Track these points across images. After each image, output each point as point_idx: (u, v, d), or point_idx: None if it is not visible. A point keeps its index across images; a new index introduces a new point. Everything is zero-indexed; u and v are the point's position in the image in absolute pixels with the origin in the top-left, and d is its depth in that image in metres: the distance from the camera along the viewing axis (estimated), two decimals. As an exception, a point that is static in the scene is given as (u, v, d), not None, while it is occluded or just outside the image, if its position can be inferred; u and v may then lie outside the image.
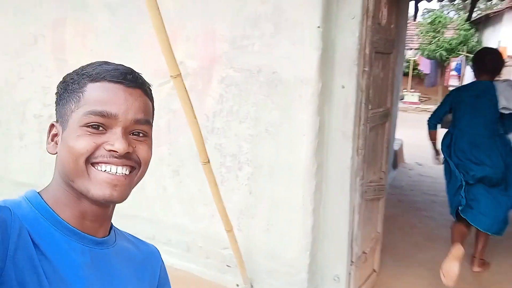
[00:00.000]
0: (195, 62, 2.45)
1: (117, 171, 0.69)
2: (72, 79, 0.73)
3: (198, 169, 2.41)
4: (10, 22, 3.14)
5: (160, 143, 2.60)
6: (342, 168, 2.29)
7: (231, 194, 2.40)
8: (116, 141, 0.68)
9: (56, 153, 0.73)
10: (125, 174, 0.70)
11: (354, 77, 2.19)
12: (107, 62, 0.74)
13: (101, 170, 0.69)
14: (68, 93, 0.72)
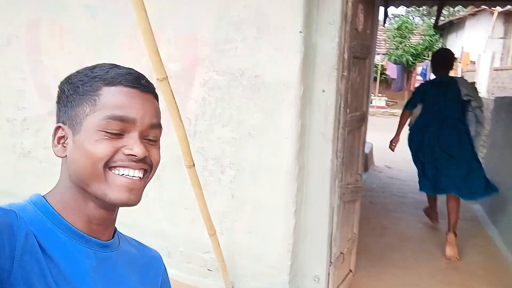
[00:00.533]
0: (177, 65, 2.45)
1: (134, 175, 0.71)
2: (81, 81, 0.72)
3: (179, 173, 2.41)
4: (-21, 22, 3.03)
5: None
6: (322, 170, 2.34)
7: (214, 198, 2.41)
8: (134, 145, 0.70)
9: (64, 156, 0.72)
10: (140, 177, 0.72)
11: (334, 81, 2.26)
12: (117, 65, 0.74)
13: (118, 174, 0.70)
14: (79, 95, 0.71)
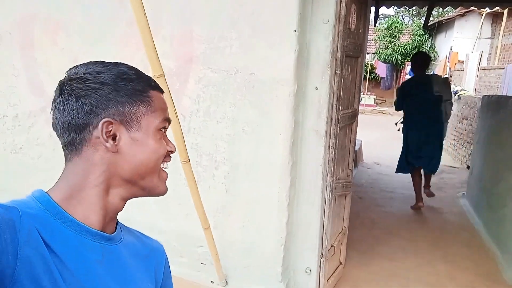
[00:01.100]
0: (172, 62, 2.48)
1: (167, 167, 0.81)
2: (125, 79, 0.74)
3: (173, 168, 2.44)
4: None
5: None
6: (315, 165, 2.41)
7: (207, 193, 2.45)
8: (169, 142, 0.80)
9: (116, 151, 0.73)
10: None
11: (327, 79, 2.31)
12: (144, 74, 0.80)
13: (163, 168, 0.79)
14: (129, 92, 0.74)
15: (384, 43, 15.60)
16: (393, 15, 17.15)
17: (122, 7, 2.53)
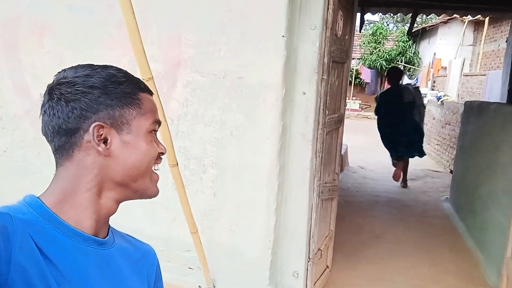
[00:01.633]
0: (159, 65, 2.48)
1: (158, 169, 0.81)
2: (114, 82, 0.74)
3: (159, 172, 2.44)
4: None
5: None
6: (302, 169, 2.43)
7: (195, 197, 2.45)
8: (159, 144, 0.80)
9: (108, 154, 0.73)
10: None
11: (314, 84, 2.34)
12: (137, 77, 0.81)
13: (154, 170, 0.80)
14: (118, 95, 0.74)
15: (369, 49, 15.81)
16: (378, 21, 17.41)
17: (110, 10, 2.52)
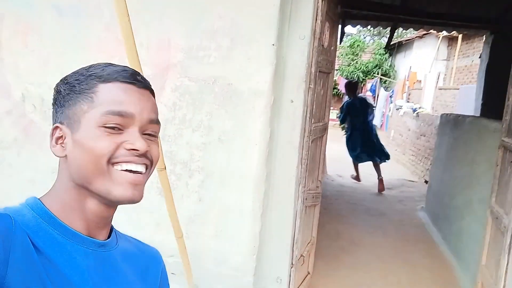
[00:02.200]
0: (148, 68, 2.47)
1: (137, 169, 0.70)
2: (77, 80, 0.72)
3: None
4: None
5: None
6: (288, 176, 2.46)
7: (181, 202, 2.44)
8: (136, 140, 0.69)
9: (64, 156, 0.72)
10: (143, 172, 0.72)
11: (302, 93, 2.39)
12: (113, 64, 0.74)
13: (122, 170, 0.69)
14: (75, 94, 0.71)
15: (346, 60, 16.12)
16: (355, 34, 17.79)
17: (98, 13, 2.51)
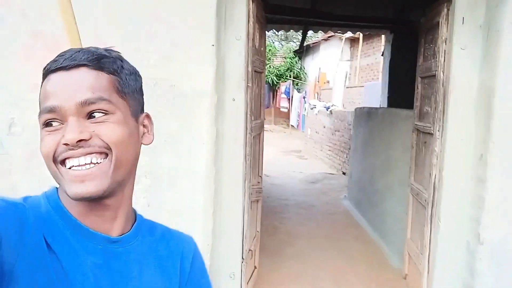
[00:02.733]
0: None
1: (79, 163, 0.64)
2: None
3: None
4: None
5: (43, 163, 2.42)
6: (235, 172, 2.54)
7: (128, 207, 2.39)
8: (67, 133, 0.64)
9: None
10: (91, 163, 0.65)
11: (243, 91, 2.49)
12: (67, 50, 0.68)
13: (68, 168, 0.65)
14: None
15: (259, 65, 16.69)
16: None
17: (24, 19, 2.37)
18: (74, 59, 0.66)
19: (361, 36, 10.93)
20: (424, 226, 2.84)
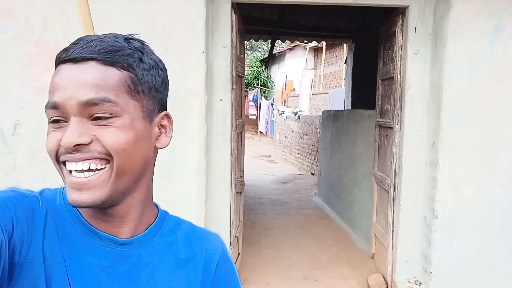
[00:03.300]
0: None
1: (77, 168, 0.58)
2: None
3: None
4: None
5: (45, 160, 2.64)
6: (223, 165, 2.85)
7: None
8: (65, 134, 0.57)
9: None
10: (94, 170, 0.59)
11: (229, 92, 2.82)
12: (82, 38, 0.62)
13: (68, 170, 0.60)
14: None
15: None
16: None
17: (28, 28, 2.60)
18: (84, 51, 0.59)
19: (324, 45, 11.52)
20: (387, 208, 3.25)
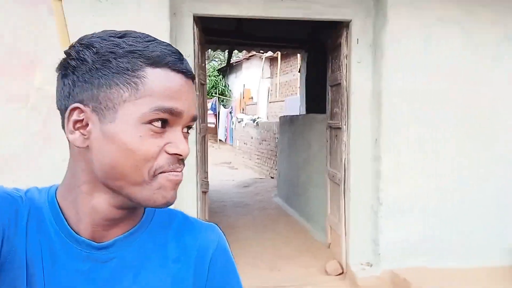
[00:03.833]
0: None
1: (178, 175, 0.60)
2: (113, 53, 0.57)
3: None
4: None
5: (20, 167, 2.78)
6: (190, 166, 3.09)
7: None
8: (180, 143, 0.59)
9: (85, 146, 0.59)
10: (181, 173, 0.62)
11: (193, 98, 3.07)
12: (155, 39, 0.61)
13: (169, 176, 0.59)
14: (110, 72, 0.57)
15: (185, 83, 17.17)
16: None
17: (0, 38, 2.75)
18: (191, 70, 0.62)
19: (279, 55, 12.00)
20: (339, 200, 3.61)
